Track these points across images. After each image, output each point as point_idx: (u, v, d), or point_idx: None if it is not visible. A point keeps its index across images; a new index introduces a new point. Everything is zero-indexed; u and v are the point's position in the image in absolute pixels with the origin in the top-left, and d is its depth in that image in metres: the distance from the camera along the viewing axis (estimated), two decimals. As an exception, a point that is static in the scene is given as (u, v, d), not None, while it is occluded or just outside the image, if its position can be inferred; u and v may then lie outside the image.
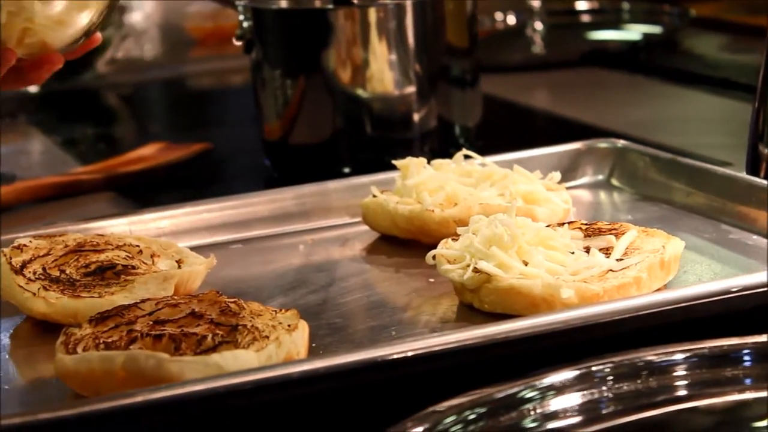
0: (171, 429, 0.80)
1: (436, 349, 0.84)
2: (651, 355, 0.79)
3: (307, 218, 1.24)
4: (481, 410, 0.74)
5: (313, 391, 0.83)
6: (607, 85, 2.00)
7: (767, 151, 1.19)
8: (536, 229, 1.02)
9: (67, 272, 1.04)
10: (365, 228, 1.20)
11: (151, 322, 0.90)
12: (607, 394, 0.77)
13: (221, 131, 1.82)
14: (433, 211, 1.13)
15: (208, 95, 2.26)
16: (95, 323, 0.91)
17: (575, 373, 0.77)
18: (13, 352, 0.99)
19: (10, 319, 1.04)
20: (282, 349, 0.87)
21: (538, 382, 0.76)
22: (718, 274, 1.04)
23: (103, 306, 0.96)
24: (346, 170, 1.40)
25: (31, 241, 1.08)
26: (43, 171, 1.61)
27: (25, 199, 1.45)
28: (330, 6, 1.42)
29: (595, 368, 0.77)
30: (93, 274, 1.03)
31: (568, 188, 1.23)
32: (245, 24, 1.43)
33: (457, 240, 1.04)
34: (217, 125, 1.90)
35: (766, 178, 1.18)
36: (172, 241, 1.14)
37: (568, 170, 1.30)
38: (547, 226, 1.05)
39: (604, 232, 1.05)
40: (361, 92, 1.40)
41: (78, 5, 1.03)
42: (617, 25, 2.28)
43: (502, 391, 0.75)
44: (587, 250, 1.02)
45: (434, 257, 1.03)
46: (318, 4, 1.49)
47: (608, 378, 0.77)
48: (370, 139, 1.41)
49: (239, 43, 1.45)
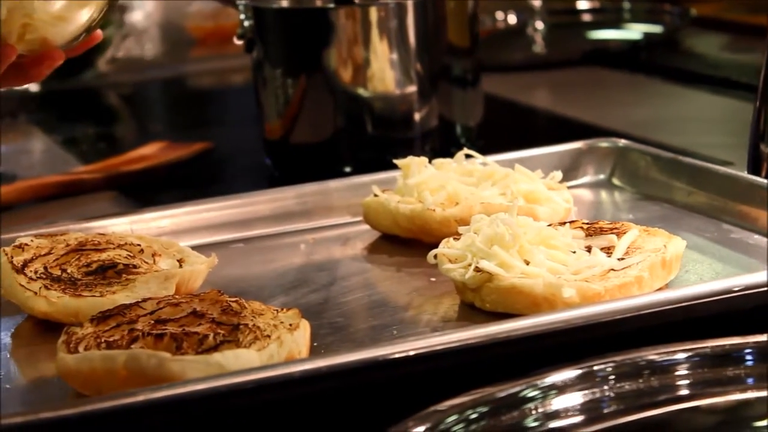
0: (173, 428, 0.80)
1: (438, 348, 0.84)
2: (653, 355, 0.79)
3: (308, 217, 1.24)
4: (483, 409, 0.74)
5: (315, 391, 0.83)
6: (608, 85, 1.99)
7: (768, 150, 1.19)
8: (538, 229, 1.02)
9: (69, 271, 1.04)
10: (366, 227, 1.20)
11: (152, 322, 0.90)
12: (608, 393, 0.77)
13: (222, 130, 1.82)
14: (434, 210, 1.13)
15: (209, 94, 2.26)
16: (97, 322, 0.91)
17: (577, 372, 0.77)
18: (15, 352, 0.99)
19: (11, 318, 1.04)
20: (283, 348, 0.87)
21: (539, 382, 0.76)
22: (720, 274, 1.03)
23: (105, 305, 0.96)
24: (347, 169, 1.40)
25: (32, 240, 1.08)
26: (44, 170, 1.61)
27: (26, 199, 1.45)
28: (331, 5, 1.42)
29: (596, 367, 0.77)
30: (94, 273, 1.03)
31: (569, 187, 1.23)
32: (246, 23, 1.43)
33: (458, 239, 1.04)
34: (218, 124, 1.90)
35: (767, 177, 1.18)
36: (174, 240, 1.14)
37: (570, 169, 1.30)
38: (549, 225, 1.05)
39: (606, 231, 1.05)
40: (362, 91, 1.40)
41: (78, 2, 1.03)
42: (618, 24, 2.27)
43: (503, 391, 0.75)
44: (589, 249, 1.01)
45: (436, 256, 1.03)
46: (319, 3, 1.49)
47: (610, 377, 0.77)
48: (371, 139, 1.41)
49: (240, 42, 1.45)
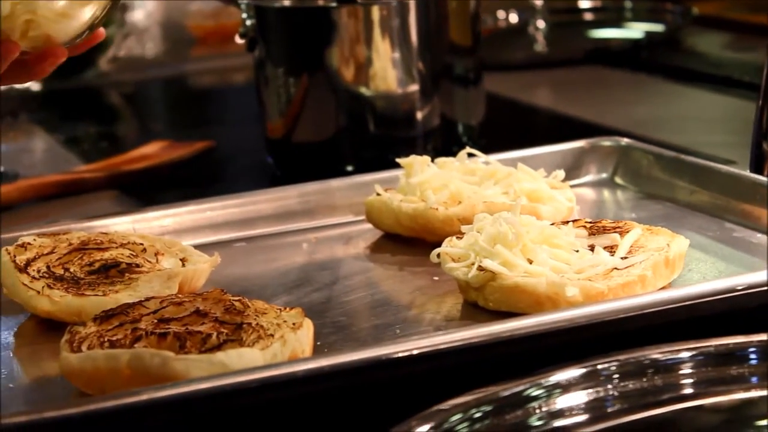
0: (176, 427, 0.80)
1: (441, 347, 0.84)
2: (656, 354, 0.79)
3: (310, 216, 1.24)
4: (487, 408, 0.74)
5: (318, 390, 0.83)
6: (609, 84, 1.99)
7: (771, 149, 1.19)
8: (541, 228, 1.02)
9: (71, 270, 1.04)
10: (369, 226, 1.20)
11: (155, 321, 0.90)
12: (612, 392, 0.77)
13: (224, 129, 1.82)
14: (437, 209, 1.13)
15: (211, 93, 2.26)
16: (100, 321, 0.91)
17: (581, 371, 0.77)
18: (18, 351, 0.99)
19: (14, 318, 1.04)
20: (287, 347, 0.87)
21: (543, 381, 0.76)
22: (723, 273, 1.03)
23: (108, 304, 0.96)
24: (350, 168, 1.39)
25: (35, 239, 1.08)
26: (45, 169, 1.61)
27: (27, 198, 1.45)
28: (333, 4, 1.41)
29: (600, 366, 0.77)
30: (97, 273, 1.03)
31: (571, 186, 1.23)
32: (248, 22, 1.43)
33: (461, 238, 1.04)
34: (220, 123, 1.90)
35: (770, 176, 1.18)
36: (176, 239, 1.14)
37: (572, 168, 1.30)
38: (552, 224, 1.05)
39: (609, 230, 1.05)
40: (364, 90, 1.40)
41: (81, 0, 1.03)
42: (619, 23, 2.27)
43: (507, 390, 0.75)
44: (592, 248, 1.01)
45: (439, 255, 1.03)
46: (321, 2, 1.49)
47: (614, 376, 0.77)
48: (373, 138, 1.41)
49: (242, 41, 1.44)
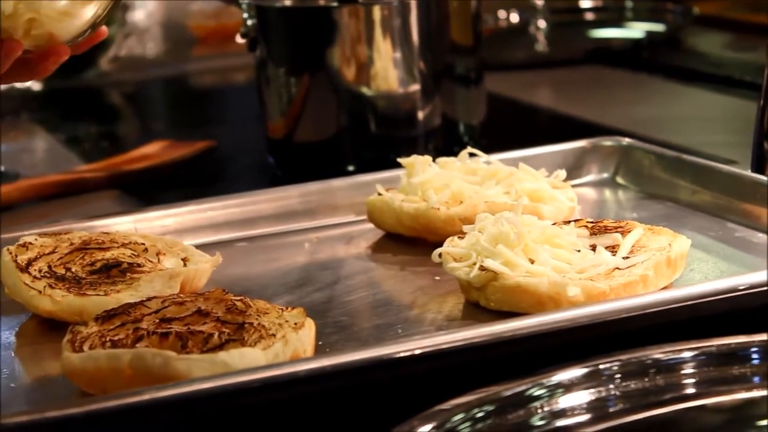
0: (178, 427, 0.80)
1: (443, 347, 0.84)
2: (658, 353, 0.79)
3: (312, 216, 1.24)
4: (489, 408, 0.74)
5: (320, 390, 0.83)
6: (610, 83, 1.99)
7: (772, 149, 1.19)
8: (542, 227, 1.02)
9: (73, 270, 1.04)
10: (370, 226, 1.20)
11: (157, 320, 0.90)
12: (614, 392, 0.77)
13: (225, 129, 1.82)
14: (438, 209, 1.13)
15: (212, 93, 2.26)
16: (101, 321, 0.91)
17: (583, 371, 0.77)
18: (19, 350, 0.99)
19: (15, 317, 1.04)
20: (289, 347, 0.87)
21: (545, 380, 0.76)
22: (725, 272, 1.03)
23: (109, 304, 0.96)
24: (351, 168, 1.39)
25: (36, 239, 1.08)
26: (46, 169, 1.61)
27: (28, 197, 1.45)
28: (334, 4, 1.41)
29: (602, 366, 0.77)
30: (99, 272, 1.03)
31: (573, 186, 1.23)
32: (249, 22, 1.43)
33: (462, 238, 1.04)
34: (221, 123, 1.90)
35: (771, 176, 1.18)
36: (177, 239, 1.14)
37: (573, 168, 1.30)
38: (553, 224, 1.04)
39: (610, 230, 1.05)
40: (365, 90, 1.40)
41: None
42: (620, 23, 2.27)
43: (509, 389, 0.75)
44: (593, 248, 1.01)
45: (440, 255, 1.03)
46: (322, 2, 1.49)
47: (616, 376, 0.77)
48: (375, 137, 1.41)
49: (243, 40, 1.44)
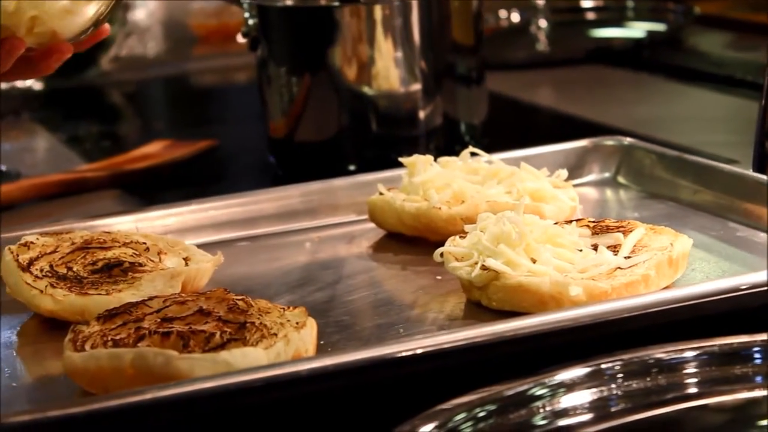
0: (180, 426, 0.80)
1: (445, 346, 0.84)
2: (660, 353, 0.79)
3: (313, 216, 1.24)
4: (491, 408, 0.74)
5: (322, 389, 0.83)
6: (611, 83, 1.99)
7: (774, 148, 1.19)
8: (544, 227, 1.02)
9: (75, 269, 1.04)
10: (372, 225, 1.20)
11: (159, 320, 0.90)
12: (616, 391, 0.77)
13: (226, 129, 1.82)
14: (440, 208, 1.13)
15: (213, 92, 2.26)
16: (103, 320, 0.91)
17: (585, 370, 0.77)
18: (21, 350, 0.99)
19: (17, 317, 1.04)
20: (290, 346, 0.87)
21: (547, 380, 0.76)
22: (726, 272, 1.03)
23: (111, 303, 0.96)
24: (352, 168, 1.39)
25: (38, 239, 1.08)
26: (47, 168, 1.61)
27: (29, 197, 1.45)
28: (336, 3, 1.42)
29: (604, 366, 0.77)
30: (100, 272, 1.03)
31: (574, 186, 1.23)
32: (251, 21, 1.43)
33: (464, 237, 1.04)
34: (222, 123, 1.90)
35: (773, 175, 1.18)
36: (179, 238, 1.14)
37: (575, 168, 1.30)
38: (555, 223, 1.04)
39: (612, 229, 1.05)
40: (366, 89, 1.40)
41: None
42: (621, 22, 2.27)
43: (511, 389, 0.75)
44: (595, 247, 1.01)
45: (442, 255, 1.03)
46: (324, 1, 1.49)
47: (618, 375, 0.77)
48: (376, 137, 1.41)
49: (244, 40, 1.44)
